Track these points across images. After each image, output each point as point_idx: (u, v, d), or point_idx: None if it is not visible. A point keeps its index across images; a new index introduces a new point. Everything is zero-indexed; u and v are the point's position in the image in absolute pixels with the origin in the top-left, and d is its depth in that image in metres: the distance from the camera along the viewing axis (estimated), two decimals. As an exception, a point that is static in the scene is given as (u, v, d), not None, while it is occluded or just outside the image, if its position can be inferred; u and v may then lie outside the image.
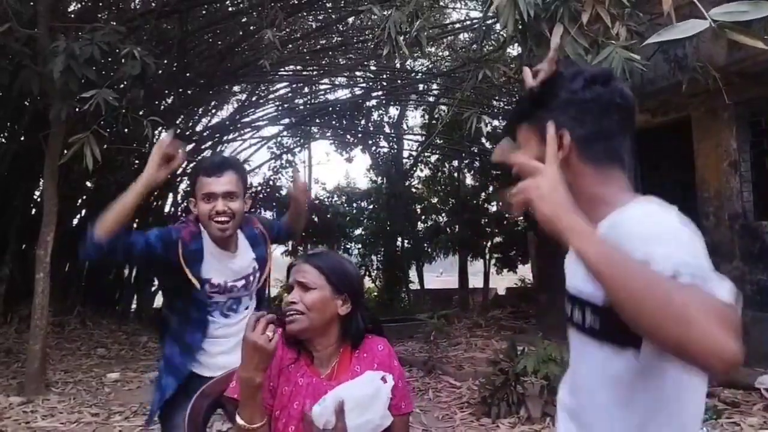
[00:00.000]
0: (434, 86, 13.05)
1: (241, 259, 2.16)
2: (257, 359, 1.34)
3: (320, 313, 1.48)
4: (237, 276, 2.15)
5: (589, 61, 2.73)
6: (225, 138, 12.67)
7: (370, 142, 14.70)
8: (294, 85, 12.32)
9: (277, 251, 14.26)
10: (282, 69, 10.38)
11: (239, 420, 1.37)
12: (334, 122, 13.82)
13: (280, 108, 12.80)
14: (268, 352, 1.34)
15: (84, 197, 9.54)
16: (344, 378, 1.50)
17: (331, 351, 1.53)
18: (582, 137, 1.03)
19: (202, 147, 12.20)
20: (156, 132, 5.13)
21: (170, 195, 12.14)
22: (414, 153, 15.00)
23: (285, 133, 14.15)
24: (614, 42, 2.70)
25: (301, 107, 13.35)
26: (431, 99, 13.52)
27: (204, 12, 8.34)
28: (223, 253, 2.12)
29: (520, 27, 2.89)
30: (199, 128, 12.00)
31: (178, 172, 11.82)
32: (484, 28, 8.34)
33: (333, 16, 9.78)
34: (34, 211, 8.51)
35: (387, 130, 14.58)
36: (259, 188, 13.73)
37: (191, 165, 2.46)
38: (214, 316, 2.14)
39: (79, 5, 7.67)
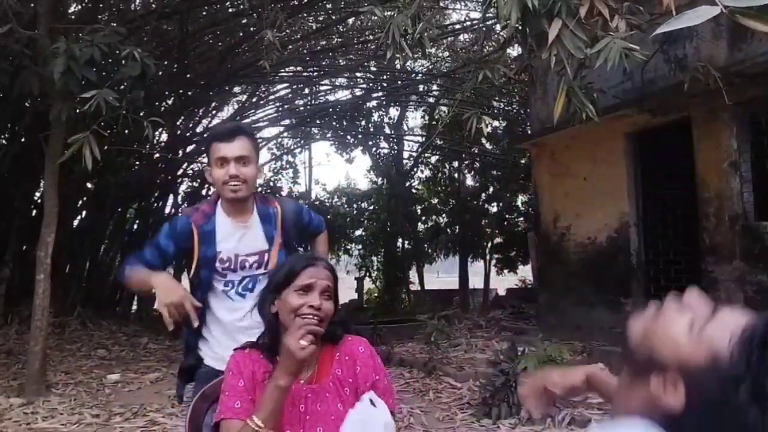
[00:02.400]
0: (434, 87, 13.06)
1: (255, 233, 2.12)
2: (287, 362, 1.35)
3: (328, 322, 1.49)
4: (250, 250, 2.09)
5: (586, 53, 2.72)
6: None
7: (370, 143, 14.71)
8: (294, 86, 12.33)
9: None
10: (282, 70, 10.39)
11: (254, 418, 1.35)
12: (334, 123, 13.83)
13: (280, 109, 12.81)
14: (296, 360, 1.34)
15: (84, 198, 9.54)
16: (325, 381, 1.48)
17: (313, 359, 1.50)
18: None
19: (203, 148, 12.20)
20: (156, 133, 5.13)
21: (170, 196, 12.14)
22: (414, 154, 15.02)
23: (285, 134, 14.17)
24: (612, 34, 2.69)
25: (302, 108, 13.36)
26: (431, 100, 13.54)
27: (204, 13, 8.35)
28: (236, 224, 2.09)
29: (519, 25, 2.88)
30: (199, 129, 12.00)
31: (179, 172, 11.88)
32: (484, 28, 8.35)
33: (333, 17, 9.79)
34: (34, 211, 8.50)
35: (387, 131, 14.59)
36: (260, 189, 13.74)
37: (206, 135, 2.32)
38: (231, 296, 2.10)
39: (80, 6, 7.67)
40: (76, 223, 9.29)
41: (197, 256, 2.06)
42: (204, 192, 12.98)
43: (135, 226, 11.01)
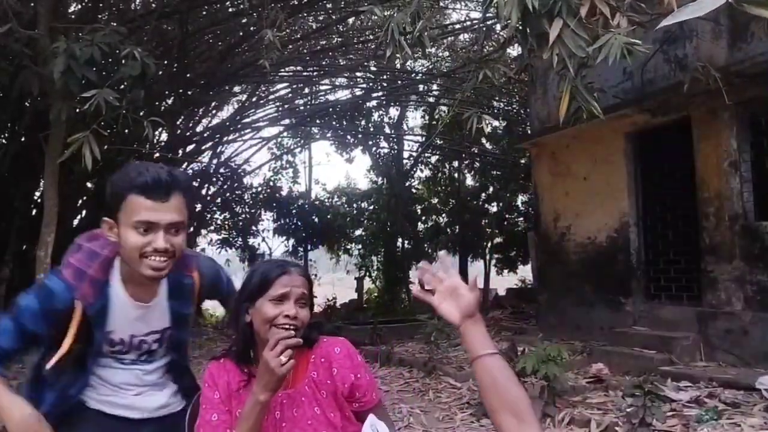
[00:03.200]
0: (434, 87, 13.06)
1: (159, 312, 1.64)
2: (266, 378, 1.33)
3: (304, 329, 1.46)
4: (150, 329, 1.63)
5: (587, 49, 2.71)
6: (225, 139, 12.68)
7: (370, 142, 14.71)
8: (294, 86, 12.33)
9: (277, 251, 14.29)
10: (282, 70, 10.39)
11: None
12: (334, 123, 13.84)
13: (280, 109, 12.81)
14: (277, 376, 1.32)
15: (84, 198, 9.54)
16: (300, 385, 1.46)
17: None
18: None
19: (203, 148, 12.21)
20: (156, 132, 5.12)
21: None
22: (414, 154, 15.02)
23: (285, 133, 14.17)
24: (614, 30, 2.68)
25: (302, 108, 13.36)
26: (431, 99, 13.54)
27: (204, 13, 8.34)
28: (137, 304, 1.59)
29: (520, 25, 2.88)
30: (199, 129, 12.00)
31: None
32: (484, 28, 8.35)
33: (333, 17, 9.79)
34: (34, 211, 8.50)
35: (387, 130, 14.60)
36: (260, 189, 13.75)
37: (115, 176, 1.51)
38: (122, 365, 1.65)
39: (80, 6, 7.67)
40: (76, 222, 9.28)
41: (73, 338, 1.50)
42: (204, 192, 13.01)
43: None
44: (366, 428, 1.41)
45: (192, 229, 12.52)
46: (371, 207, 15.24)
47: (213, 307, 14.72)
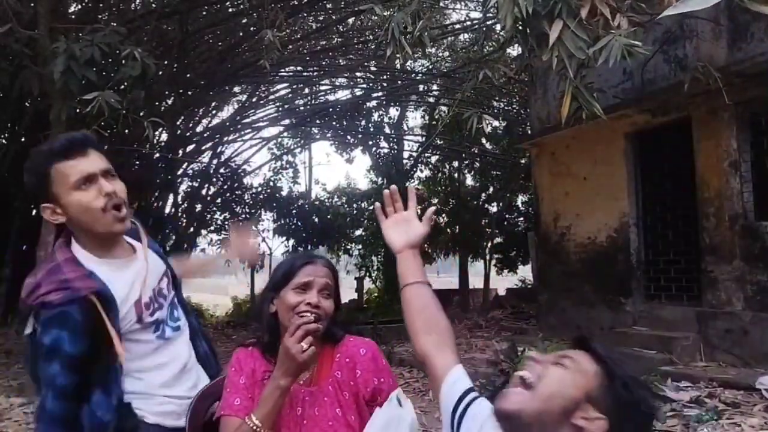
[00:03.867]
0: (434, 87, 13.06)
1: (149, 257, 1.60)
2: (287, 364, 1.32)
3: (327, 320, 1.47)
4: (158, 275, 1.61)
5: (588, 51, 2.71)
6: (225, 139, 12.68)
7: (370, 142, 14.71)
8: (294, 86, 12.33)
9: (277, 252, 14.30)
10: (282, 70, 10.39)
11: (253, 417, 1.35)
12: (334, 123, 13.84)
13: (280, 109, 12.81)
14: (297, 362, 1.31)
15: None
16: (324, 384, 1.45)
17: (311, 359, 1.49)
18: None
19: (203, 148, 12.22)
20: (156, 132, 5.13)
21: (170, 195, 12.14)
22: (414, 154, 15.02)
23: (285, 133, 14.17)
24: (614, 32, 2.68)
25: (302, 108, 13.36)
26: (431, 99, 13.54)
27: (204, 13, 8.35)
28: (122, 260, 1.54)
29: (519, 26, 2.88)
30: (199, 129, 12.01)
31: (179, 172, 11.88)
32: (484, 28, 8.34)
33: (333, 17, 9.79)
34: (34, 211, 8.50)
35: (387, 130, 14.60)
36: (260, 189, 13.75)
37: (29, 163, 1.47)
38: (167, 336, 1.60)
39: (80, 6, 7.67)
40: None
41: (115, 335, 1.40)
42: (204, 192, 13.01)
43: (135, 226, 11.00)
44: (392, 400, 1.40)
45: (192, 229, 12.54)
46: (371, 207, 15.23)
47: (213, 307, 14.74)
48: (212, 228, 13.30)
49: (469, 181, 14.97)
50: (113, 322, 1.41)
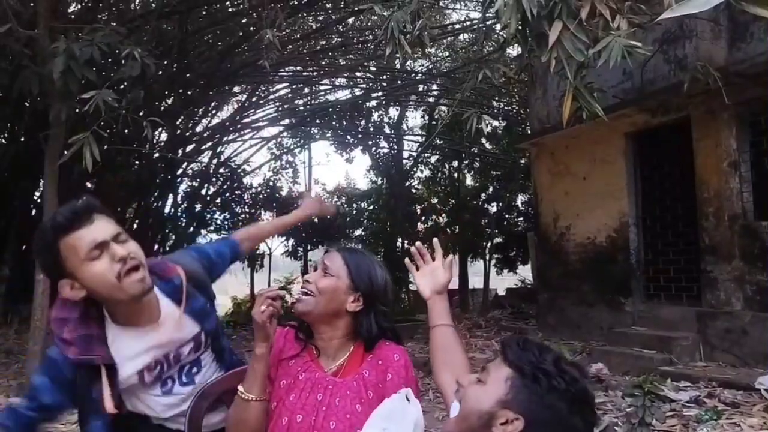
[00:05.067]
0: (434, 87, 13.07)
1: (172, 324, 1.55)
2: (257, 331, 1.41)
3: (328, 300, 1.48)
4: (180, 342, 1.57)
5: (588, 53, 2.71)
6: (225, 139, 12.68)
7: (370, 142, 14.71)
8: (294, 86, 12.33)
9: (276, 251, 14.30)
10: (282, 70, 10.39)
11: (240, 386, 1.43)
12: (334, 123, 13.84)
13: (280, 109, 12.81)
14: (259, 325, 1.39)
15: (84, 197, 9.54)
16: (350, 378, 1.47)
17: (337, 345, 1.51)
18: (532, 426, 1.06)
19: (203, 148, 12.22)
20: (156, 132, 5.12)
21: (170, 195, 12.14)
22: (414, 153, 15.03)
23: (285, 133, 14.17)
24: (614, 33, 2.68)
25: (302, 108, 13.36)
26: (431, 100, 13.54)
27: (204, 13, 8.34)
28: (141, 329, 1.51)
29: (519, 27, 2.88)
30: (199, 129, 12.01)
31: (179, 172, 11.89)
32: (484, 28, 8.34)
33: (333, 17, 9.79)
34: (34, 211, 8.51)
35: (387, 130, 14.60)
36: (259, 189, 13.75)
37: (35, 244, 1.43)
38: (175, 392, 1.60)
39: (79, 6, 7.67)
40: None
41: (108, 396, 1.43)
42: (204, 192, 13.01)
43: (135, 226, 11.01)
44: (401, 394, 1.40)
45: (192, 229, 12.54)
46: (371, 207, 15.25)
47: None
48: (212, 228, 13.31)
49: (469, 181, 14.98)
50: (110, 384, 1.44)
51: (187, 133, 11.36)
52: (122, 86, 5.36)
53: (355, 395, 1.45)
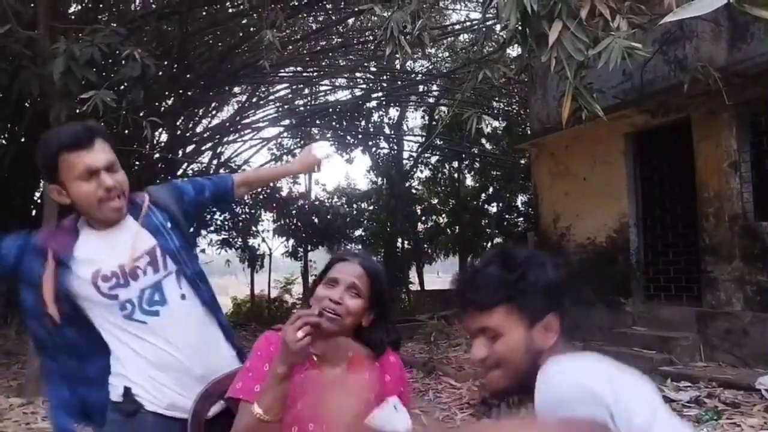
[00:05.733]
0: (434, 87, 13.07)
1: (128, 233, 1.65)
2: (283, 353, 1.33)
3: (353, 321, 1.47)
4: (134, 253, 1.62)
5: (588, 53, 2.71)
6: (225, 139, 12.68)
7: (370, 143, 14.71)
8: (294, 87, 12.33)
9: (277, 252, 14.30)
10: (282, 70, 10.40)
11: (256, 407, 1.34)
12: (334, 123, 13.83)
13: (280, 109, 12.81)
14: (293, 351, 1.31)
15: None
16: (353, 380, 1.48)
17: (340, 351, 1.51)
18: (561, 316, 1.18)
19: (203, 148, 12.22)
20: (156, 133, 5.12)
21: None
22: (414, 154, 15.02)
23: (285, 134, 14.17)
24: (614, 34, 2.68)
25: (302, 108, 13.36)
26: (431, 100, 13.54)
27: (204, 13, 8.35)
28: (102, 231, 1.65)
29: (519, 26, 2.88)
30: (199, 129, 12.00)
31: (179, 172, 11.87)
32: (484, 29, 8.35)
33: (333, 18, 9.79)
34: (34, 211, 8.51)
35: (387, 131, 14.60)
36: (259, 189, 13.74)
37: (40, 147, 1.62)
38: (138, 319, 1.62)
39: (79, 7, 7.67)
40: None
41: (53, 278, 1.57)
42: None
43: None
44: (390, 403, 1.41)
45: (192, 229, 12.53)
46: (371, 207, 15.24)
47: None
48: (212, 228, 13.30)
49: (469, 181, 14.98)
50: (56, 277, 1.57)
51: (187, 134, 11.35)
52: (122, 87, 5.36)
53: (358, 397, 1.46)
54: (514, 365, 1.14)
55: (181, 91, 9.00)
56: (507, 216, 14.02)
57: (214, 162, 12.93)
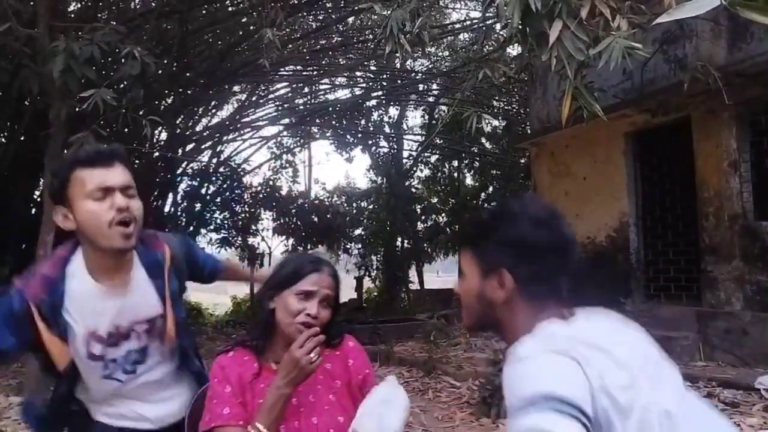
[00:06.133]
0: (434, 86, 13.07)
1: (141, 295, 1.53)
2: (294, 374, 1.37)
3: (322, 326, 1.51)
4: (135, 318, 1.53)
5: (588, 54, 2.71)
6: (225, 138, 12.67)
7: (370, 142, 14.71)
8: (294, 85, 12.32)
9: (276, 251, 14.30)
10: (282, 69, 10.39)
11: (258, 425, 1.37)
12: (334, 122, 13.84)
13: (280, 108, 12.80)
14: (306, 372, 1.37)
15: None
16: (316, 375, 1.48)
17: None
18: (524, 277, 1.07)
19: (202, 147, 12.21)
20: (156, 131, 5.12)
21: (170, 194, 12.14)
22: (414, 153, 15.02)
23: (285, 133, 14.17)
24: (614, 34, 2.68)
25: (301, 107, 13.36)
26: (431, 99, 13.54)
27: (204, 12, 8.33)
28: (109, 291, 1.48)
29: (520, 25, 2.88)
30: (199, 128, 11.99)
31: (178, 171, 11.87)
32: (484, 28, 8.35)
33: (333, 16, 9.79)
34: (34, 211, 8.50)
35: (387, 130, 14.60)
36: (259, 188, 13.75)
37: (58, 165, 1.63)
38: (117, 377, 1.55)
39: (79, 5, 7.67)
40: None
41: (53, 348, 1.44)
42: (203, 191, 13.01)
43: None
44: (390, 380, 1.48)
45: (192, 228, 12.53)
46: (371, 206, 15.24)
47: (213, 307, 14.74)
48: (212, 227, 13.31)
49: (469, 180, 14.98)
50: (50, 328, 1.43)
51: (187, 133, 11.34)
52: (122, 85, 5.36)
53: (326, 388, 1.51)
54: (469, 308, 1.16)
55: (180, 90, 9.00)
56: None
57: (214, 161, 12.94)
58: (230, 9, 8.36)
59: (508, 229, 1.09)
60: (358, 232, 14.92)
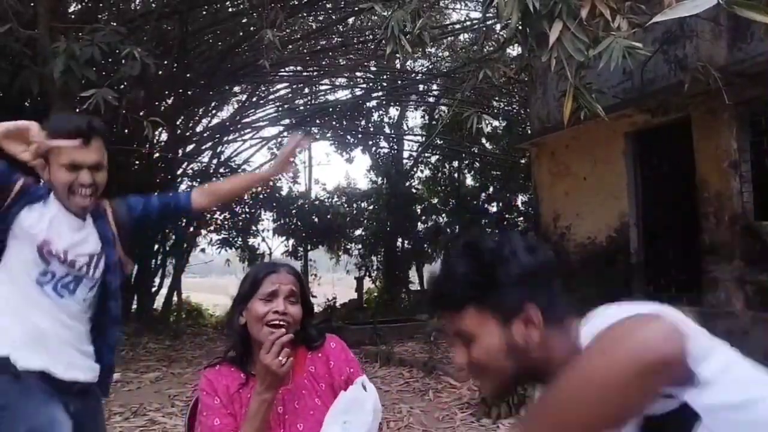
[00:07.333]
0: (434, 87, 13.07)
1: (87, 233, 1.82)
2: (269, 380, 1.39)
3: (297, 326, 1.52)
4: (81, 251, 1.78)
5: (588, 54, 2.71)
6: (225, 138, 12.68)
7: (370, 142, 14.70)
8: (294, 86, 12.33)
9: (277, 251, 14.30)
10: (282, 69, 10.40)
11: None
12: (334, 123, 13.84)
13: (280, 108, 12.81)
14: (278, 377, 1.39)
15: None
16: (299, 379, 1.53)
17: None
18: (545, 303, 1.02)
19: (203, 147, 12.22)
20: (156, 132, 5.12)
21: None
22: (414, 153, 15.02)
23: (285, 133, 14.15)
24: (614, 34, 2.68)
25: (302, 108, 13.36)
26: (431, 99, 13.55)
27: (204, 13, 8.34)
28: (72, 218, 1.79)
29: (519, 26, 2.88)
30: (199, 129, 12.00)
31: (179, 171, 11.88)
32: (484, 28, 8.35)
33: (333, 17, 9.80)
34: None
35: (387, 130, 14.59)
36: (259, 189, 13.75)
37: (52, 120, 1.81)
38: (47, 291, 1.73)
39: (79, 6, 7.67)
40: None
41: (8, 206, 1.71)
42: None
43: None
44: (357, 384, 1.48)
45: (192, 228, 12.54)
46: (371, 207, 15.22)
47: (212, 307, 14.74)
48: (212, 228, 13.31)
49: (469, 181, 14.97)
50: (24, 211, 1.71)
51: (187, 133, 11.36)
52: (122, 86, 5.36)
53: (310, 392, 1.53)
54: (496, 371, 1.01)
55: (181, 91, 9.00)
56: (507, 216, 14.01)
57: (214, 161, 12.94)
58: (230, 10, 8.37)
59: (510, 265, 1.02)
60: (358, 232, 14.91)
